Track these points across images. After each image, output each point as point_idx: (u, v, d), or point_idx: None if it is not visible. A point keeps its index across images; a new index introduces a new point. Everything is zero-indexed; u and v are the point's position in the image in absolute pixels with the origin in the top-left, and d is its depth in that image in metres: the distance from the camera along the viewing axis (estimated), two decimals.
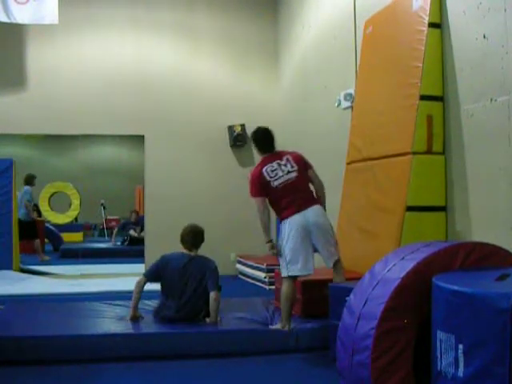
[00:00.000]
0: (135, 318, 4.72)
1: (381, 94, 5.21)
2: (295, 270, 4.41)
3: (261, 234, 4.56)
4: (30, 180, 9.77)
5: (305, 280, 4.73)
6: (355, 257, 5.09)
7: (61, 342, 4.17)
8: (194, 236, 4.86)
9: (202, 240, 4.91)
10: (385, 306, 2.78)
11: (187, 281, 4.67)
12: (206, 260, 4.82)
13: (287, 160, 4.57)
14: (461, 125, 4.37)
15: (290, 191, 4.49)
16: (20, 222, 9.06)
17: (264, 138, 4.71)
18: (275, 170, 4.52)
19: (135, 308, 4.77)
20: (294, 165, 4.56)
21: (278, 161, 4.56)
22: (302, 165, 4.63)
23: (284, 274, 4.47)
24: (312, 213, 4.45)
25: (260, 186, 4.55)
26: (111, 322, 4.71)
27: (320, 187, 4.68)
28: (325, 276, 4.61)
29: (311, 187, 4.67)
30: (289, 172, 4.52)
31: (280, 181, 4.50)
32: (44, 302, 5.97)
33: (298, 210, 4.44)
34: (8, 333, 4.28)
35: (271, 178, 4.50)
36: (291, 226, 4.42)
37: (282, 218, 4.52)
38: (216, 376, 3.90)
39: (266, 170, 4.53)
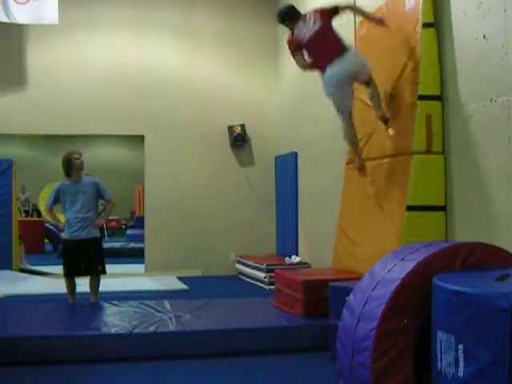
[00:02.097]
0: None
1: (380, 93, 5.20)
2: None
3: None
4: None
5: (305, 280, 4.74)
6: (355, 257, 5.09)
7: (60, 342, 4.17)
8: None
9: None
10: (385, 307, 2.78)
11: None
12: None
13: None
14: (461, 125, 4.36)
15: None
16: None
17: None
18: None
19: None
20: None
21: None
22: None
23: None
24: None
25: None
26: (111, 321, 4.70)
27: None
28: (325, 276, 4.61)
29: None
30: None
31: None
32: (44, 302, 5.96)
33: None
34: (7, 333, 4.28)
35: None
36: None
37: None
38: (215, 376, 3.90)
39: None
